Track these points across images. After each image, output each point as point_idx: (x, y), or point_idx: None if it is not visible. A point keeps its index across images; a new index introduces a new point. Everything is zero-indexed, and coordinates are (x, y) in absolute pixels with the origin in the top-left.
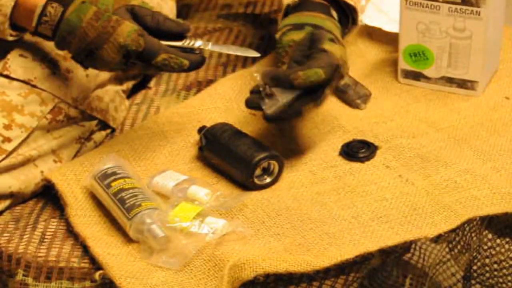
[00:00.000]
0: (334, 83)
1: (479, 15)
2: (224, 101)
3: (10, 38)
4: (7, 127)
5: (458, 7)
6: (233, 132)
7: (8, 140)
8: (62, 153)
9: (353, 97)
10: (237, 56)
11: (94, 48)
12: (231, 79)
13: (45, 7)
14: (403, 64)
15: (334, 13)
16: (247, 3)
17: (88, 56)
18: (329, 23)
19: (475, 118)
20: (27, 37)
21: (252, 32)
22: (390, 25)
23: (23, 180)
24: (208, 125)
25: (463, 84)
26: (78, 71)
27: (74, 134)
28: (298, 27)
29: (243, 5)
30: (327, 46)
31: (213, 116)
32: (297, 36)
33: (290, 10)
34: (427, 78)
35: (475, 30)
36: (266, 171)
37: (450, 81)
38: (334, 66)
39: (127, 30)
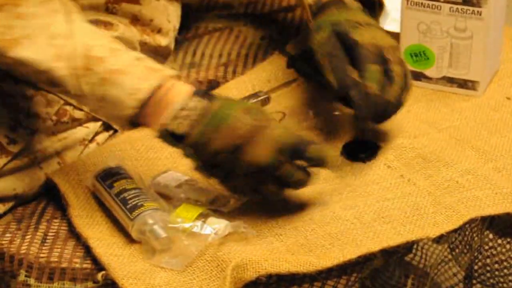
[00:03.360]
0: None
1: (480, 15)
2: None
3: (120, 127)
4: (13, 129)
5: (459, 7)
6: None
7: (14, 142)
8: (66, 155)
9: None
10: (238, 57)
11: (244, 143)
12: (233, 85)
13: (186, 99)
14: None
15: (352, 3)
16: (247, 3)
17: (231, 158)
18: (345, 13)
19: (476, 118)
20: None
21: (252, 32)
22: (391, 25)
23: (27, 182)
24: None
25: (464, 84)
26: None
27: (78, 135)
28: (317, 28)
29: (243, 5)
30: (354, 35)
31: None
32: (319, 36)
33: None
34: (428, 78)
35: (476, 30)
36: None
37: (451, 81)
38: (375, 52)
39: (280, 128)
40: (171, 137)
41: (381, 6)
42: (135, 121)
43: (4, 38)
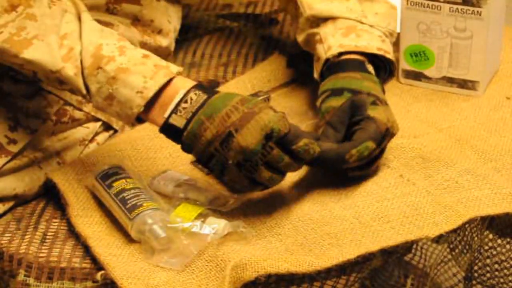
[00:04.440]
0: (385, 145)
1: (480, 15)
2: None
3: (127, 124)
4: (13, 129)
5: (459, 7)
6: None
7: (14, 142)
8: (66, 155)
9: None
10: (238, 57)
11: (234, 130)
12: (233, 85)
13: (187, 93)
14: (404, 64)
15: (370, 67)
16: (247, 3)
17: (223, 143)
18: (367, 83)
19: (476, 118)
20: None
21: (252, 32)
22: None
23: (27, 182)
24: None
25: (464, 84)
26: None
27: (78, 136)
28: (337, 92)
29: (243, 5)
30: (371, 112)
31: None
32: (336, 102)
33: (325, 72)
34: (428, 78)
35: (476, 30)
36: None
37: (451, 81)
38: (382, 133)
39: (272, 113)
40: (173, 131)
41: (391, 72)
42: (141, 118)
43: (17, 39)
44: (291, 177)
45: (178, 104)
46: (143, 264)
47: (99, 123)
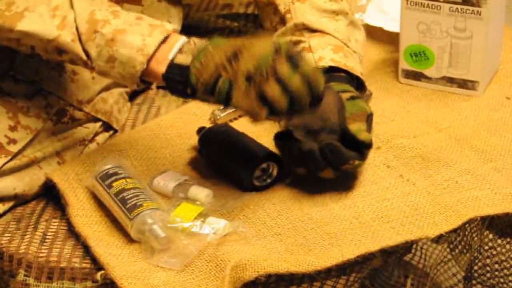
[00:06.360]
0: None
1: (480, 15)
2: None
3: (134, 86)
4: (13, 128)
5: (459, 7)
6: (232, 133)
7: (14, 141)
8: (66, 155)
9: None
10: None
11: (244, 46)
12: None
13: (189, 40)
14: (404, 64)
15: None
16: (247, 3)
17: (233, 58)
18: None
19: (475, 118)
20: None
21: (252, 32)
22: (391, 25)
23: (27, 182)
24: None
25: (463, 84)
26: (84, 73)
27: (78, 136)
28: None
29: (243, 5)
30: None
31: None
32: None
33: None
34: (428, 78)
35: (476, 30)
36: (266, 172)
37: (450, 81)
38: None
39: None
40: (178, 73)
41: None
42: (143, 77)
43: (8, 14)
44: (291, 177)
45: (182, 46)
46: (143, 264)
47: (99, 123)
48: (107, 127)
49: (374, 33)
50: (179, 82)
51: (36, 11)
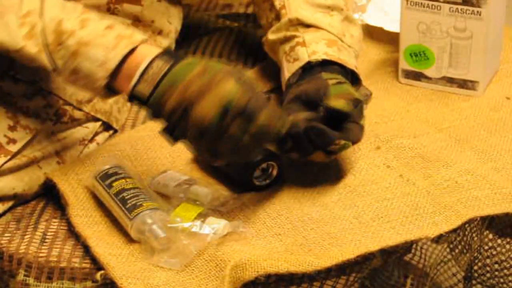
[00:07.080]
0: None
1: (480, 15)
2: None
3: (99, 97)
4: (12, 128)
5: (459, 7)
6: None
7: (13, 141)
8: (65, 155)
9: None
10: (238, 57)
11: (192, 103)
12: None
13: (152, 60)
14: (404, 64)
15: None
16: (247, 3)
17: (183, 116)
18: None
19: (475, 118)
20: None
21: (252, 32)
22: (391, 25)
23: (26, 181)
24: None
25: (463, 84)
26: None
27: (78, 136)
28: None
29: (243, 5)
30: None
31: None
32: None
33: (302, 73)
34: (428, 78)
35: (476, 30)
36: (265, 172)
37: (450, 81)
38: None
39: (232, 83)
40: (140, 100)
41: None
42: (112, 89)
43: None
44: (290, 177)
45: (143, 73)
46: (143, 264)
47: (99, 123)
48: (107, 127)
49: (374, 33)
50: (144, 109)
51: (3, 19)
